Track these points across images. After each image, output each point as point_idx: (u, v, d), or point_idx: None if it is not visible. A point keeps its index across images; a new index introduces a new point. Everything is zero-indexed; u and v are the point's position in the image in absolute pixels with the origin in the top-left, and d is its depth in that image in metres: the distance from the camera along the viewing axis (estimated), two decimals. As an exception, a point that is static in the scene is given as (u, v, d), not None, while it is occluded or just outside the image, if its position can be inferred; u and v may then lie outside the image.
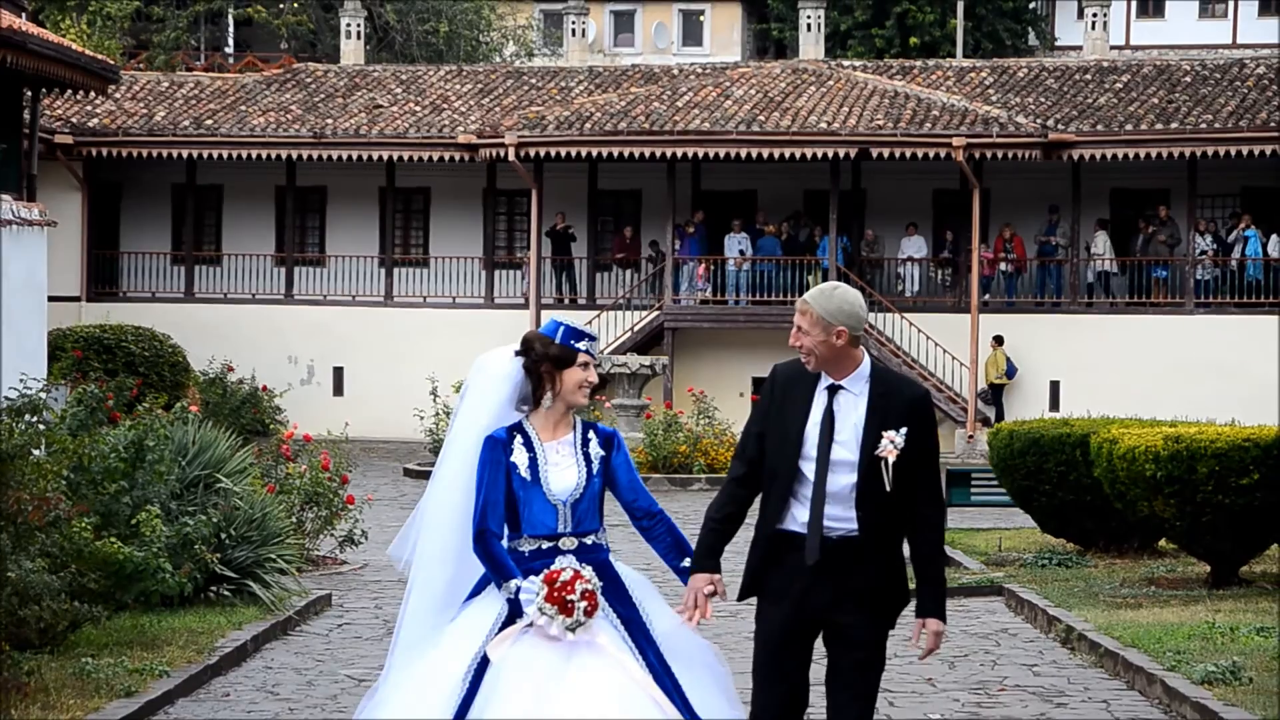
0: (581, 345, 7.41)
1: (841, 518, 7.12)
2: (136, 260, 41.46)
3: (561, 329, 7.44)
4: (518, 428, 7.40)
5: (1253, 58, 41.05)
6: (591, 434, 7.47)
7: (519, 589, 7.16)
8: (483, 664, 7.10)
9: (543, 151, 37.84)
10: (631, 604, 7.30)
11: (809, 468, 7.13)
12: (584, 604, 7.09)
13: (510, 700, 6.97)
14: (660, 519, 7.46)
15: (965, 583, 17.37)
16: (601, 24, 60.95)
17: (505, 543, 7.32)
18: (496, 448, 7.34)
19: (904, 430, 7.12)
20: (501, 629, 7.16)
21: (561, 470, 7.35)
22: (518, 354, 7.43)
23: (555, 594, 7.09)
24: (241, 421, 33.13)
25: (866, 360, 7.23)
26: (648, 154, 37.45)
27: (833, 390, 7.18)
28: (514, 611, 7.18)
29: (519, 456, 7.33)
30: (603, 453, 7.44)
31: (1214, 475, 15.62)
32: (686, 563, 7.35)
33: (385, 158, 39.78)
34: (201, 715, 11.48)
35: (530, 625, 7.13)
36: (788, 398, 7.22)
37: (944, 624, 7.27)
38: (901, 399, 7.18)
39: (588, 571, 7.19)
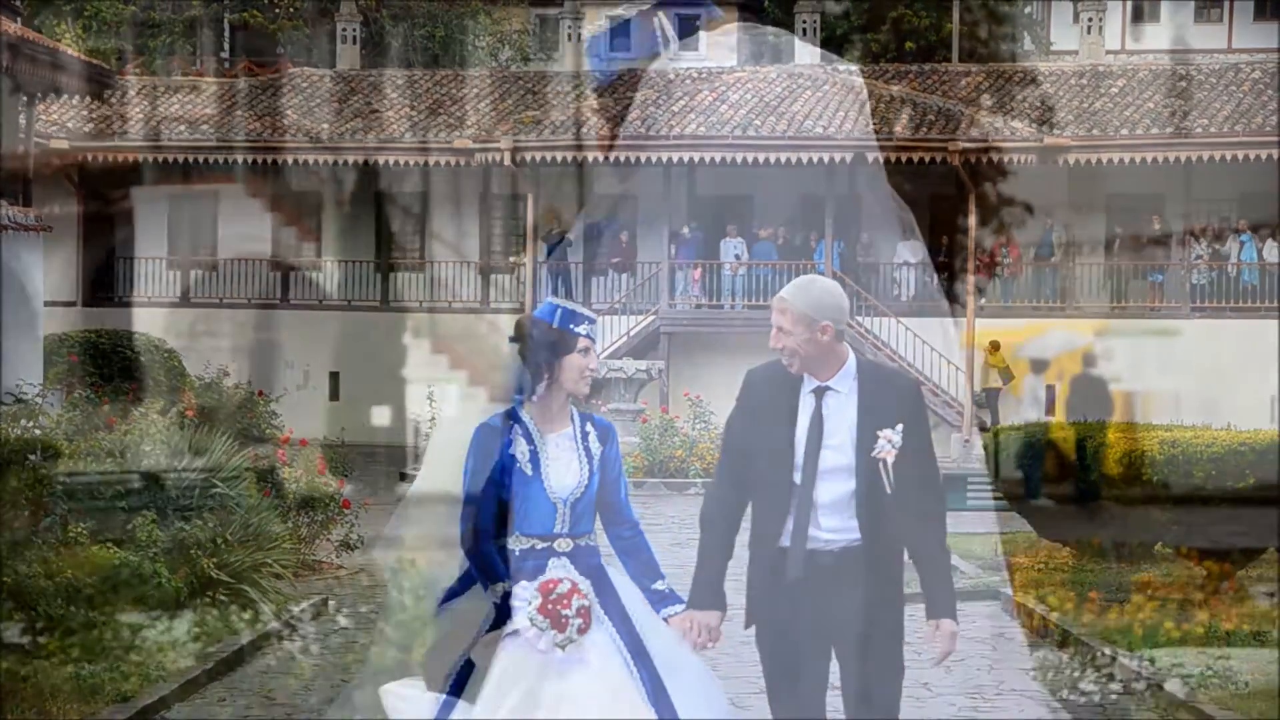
0: (580, 329, 6.79)
1: (843, 528, 6.67)
2: (132, 265, 41.40)
3: (558, 311, 6.83)
4: (513, 415, 6.79)
5: (1249, 62, 41.05)
6: (590, 426, 6.88)
7: (507, 593, 6.65)
8: (465, 667, 6.63)
9: (538, 156, 37.83)
10: (627, 616, 6.76)
11: (802, 478, 6.64)
12: (579, 621, 6.57)
13: (492, 709, 6.54)
14: (639, 533, 6.94)
15: (962, 587, 17.33)
16: (597, 28, 60.89)
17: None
18: (491, 436, 6.72)
19: (900, 427, 6.62)
20: (488, 632, 6.65)
21: (563, 466, 6.75)
22: (511, 340, 6.81)
23: (550, 606, 6.57)
24: (237, 426, 33.02)
25: (852, 356, 6.73)
26: (643, 158, 37.44)
27: (820, 393, 6.68)
28: (500, 615, 6.65)
29: (518, 448, 6.72)
30: (600, 447, 6.85)
31: (1210, 479, 15.61)
32: (658, 585, 6.88)
33: (381, 162, 39.77)
34: (197, 720, 11.48)
35: (515, 633, 6.62)
36: (770, 406, 6.70)
37: (957, 624, 6.77)
38: (893, 393, 6.71)
39: (585, 586, 6.67)
